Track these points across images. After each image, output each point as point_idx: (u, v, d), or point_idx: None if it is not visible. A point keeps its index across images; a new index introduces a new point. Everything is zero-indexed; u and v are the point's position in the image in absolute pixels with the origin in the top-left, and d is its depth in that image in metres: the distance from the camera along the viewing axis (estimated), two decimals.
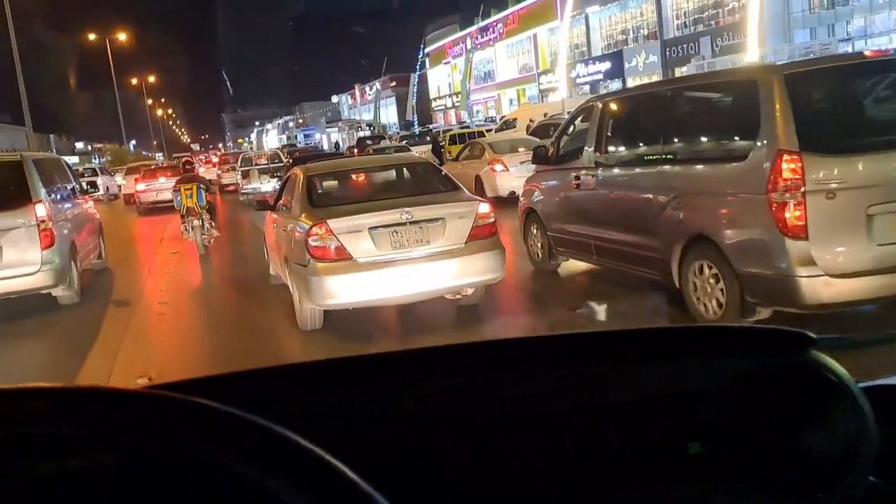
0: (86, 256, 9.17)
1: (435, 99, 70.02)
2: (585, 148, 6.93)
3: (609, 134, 6.80)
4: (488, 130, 26.32)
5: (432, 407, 1.06)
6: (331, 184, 7.05)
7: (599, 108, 6.95)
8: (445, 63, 65.98)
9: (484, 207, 6.10)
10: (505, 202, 12.49)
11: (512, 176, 13.41)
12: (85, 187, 10.94)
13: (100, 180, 21.89)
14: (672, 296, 5.53)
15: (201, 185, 11.24)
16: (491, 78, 59.69)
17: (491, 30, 56.54)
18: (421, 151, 22.34)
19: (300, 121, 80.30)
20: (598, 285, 7.31)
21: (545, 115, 22.52)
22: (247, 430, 0.61)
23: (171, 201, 12.16)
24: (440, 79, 69.21)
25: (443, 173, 7.14)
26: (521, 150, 14.30)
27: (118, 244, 12.75)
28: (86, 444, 0.60)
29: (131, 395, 0.63)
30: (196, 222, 10.93)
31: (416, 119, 58.74)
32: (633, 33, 41.46)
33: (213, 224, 11.30)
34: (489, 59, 59.36)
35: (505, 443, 1.03)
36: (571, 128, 7.85)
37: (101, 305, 8.16)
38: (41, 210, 7.60)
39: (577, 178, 6.96)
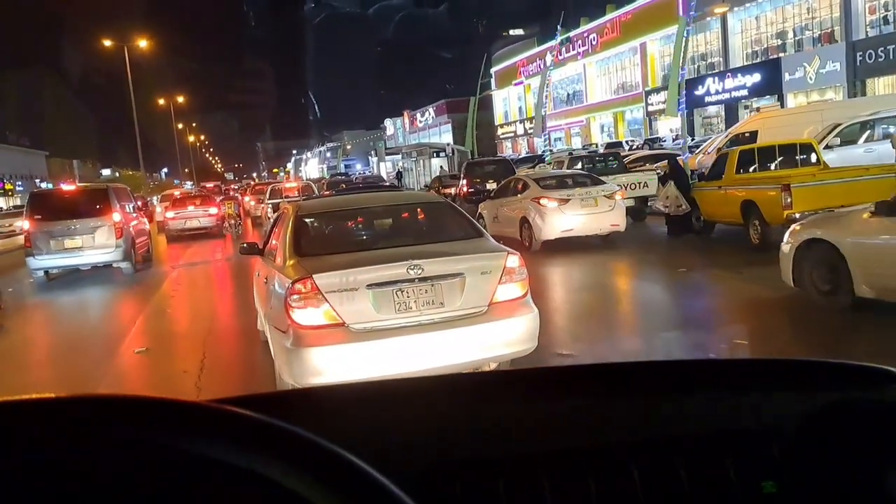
0: (140, 249, 15.09)
1: (502, 125, 61.22)
2: None
3: None
4: (621, 156, 17.36)
5: (487, 436, 1.02)
6: (324, 226, 5.92)
7: None
8: (517, 84, 57.29)
9: (513, 260, 4.86)
10: None
11: None
12: (140, 206, 18.32)
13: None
14: None
15: (236, 203, 25.38)
16: (577, 100, 50.68)
17: (581, 42, 47.61)
18: (642, 183, 13.62)
19: (348, 147, 72.59)
20: None
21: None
22: (297, 443, 0.60)
23: (201, 228, 21.43)
24: (509, 102, 60.58)
25: (461, 214, 5.81)
26: None
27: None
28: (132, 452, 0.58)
29: (185, 407, 0.61)
30: (231, 222, 22.68)
31: (545, 140, 49.03)
32: (796, 35, 32.24)
33: (241, 223, 23.77)
34: (574, 77, 50.46)
35: (570, 475, 0.98)
36: None
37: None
38: (116, 216, 13.80)
39: None
